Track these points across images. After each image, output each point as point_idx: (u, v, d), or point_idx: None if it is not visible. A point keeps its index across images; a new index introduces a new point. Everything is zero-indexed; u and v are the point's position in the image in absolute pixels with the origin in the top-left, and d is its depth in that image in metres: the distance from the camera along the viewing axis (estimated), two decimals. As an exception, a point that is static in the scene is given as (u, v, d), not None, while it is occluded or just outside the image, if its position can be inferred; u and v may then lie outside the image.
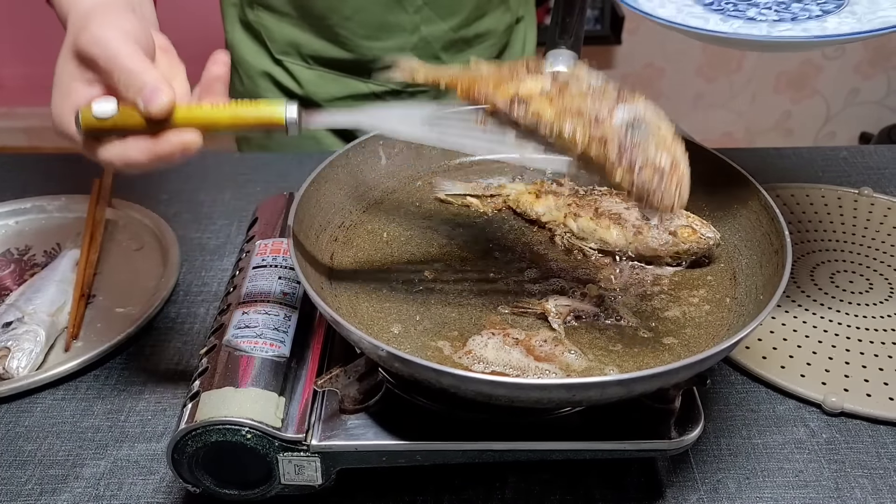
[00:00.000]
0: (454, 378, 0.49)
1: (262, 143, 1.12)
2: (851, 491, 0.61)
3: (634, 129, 0.52)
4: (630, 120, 0.52)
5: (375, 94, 1.04)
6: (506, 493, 0.61)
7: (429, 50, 1.00)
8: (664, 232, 0.66)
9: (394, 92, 1.04)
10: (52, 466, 0.63)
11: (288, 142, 1.07)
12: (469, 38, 1.02)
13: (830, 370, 0.70)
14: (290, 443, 0.55)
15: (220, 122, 0.52)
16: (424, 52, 1.00)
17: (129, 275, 0.82)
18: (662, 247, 0.66)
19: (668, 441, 0.56)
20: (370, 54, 0.99)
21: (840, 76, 2.36)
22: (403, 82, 1.02)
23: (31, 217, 0.90)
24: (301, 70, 1.04)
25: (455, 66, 0.59)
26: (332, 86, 1.04)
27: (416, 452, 0.56)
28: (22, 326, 0.72)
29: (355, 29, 0.97)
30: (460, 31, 1.01)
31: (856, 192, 0.92)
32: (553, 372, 0.56)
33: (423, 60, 1.01)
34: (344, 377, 0.57)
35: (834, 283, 0.80)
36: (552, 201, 0.71)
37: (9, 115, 2.37)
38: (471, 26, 1.01)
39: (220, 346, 0.60)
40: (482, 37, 1.04)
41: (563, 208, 0.70)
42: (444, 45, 1.01)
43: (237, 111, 0.52)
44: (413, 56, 0.97)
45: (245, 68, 1.05)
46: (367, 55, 0.99)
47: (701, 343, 0.59)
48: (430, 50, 1.01)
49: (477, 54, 1.04)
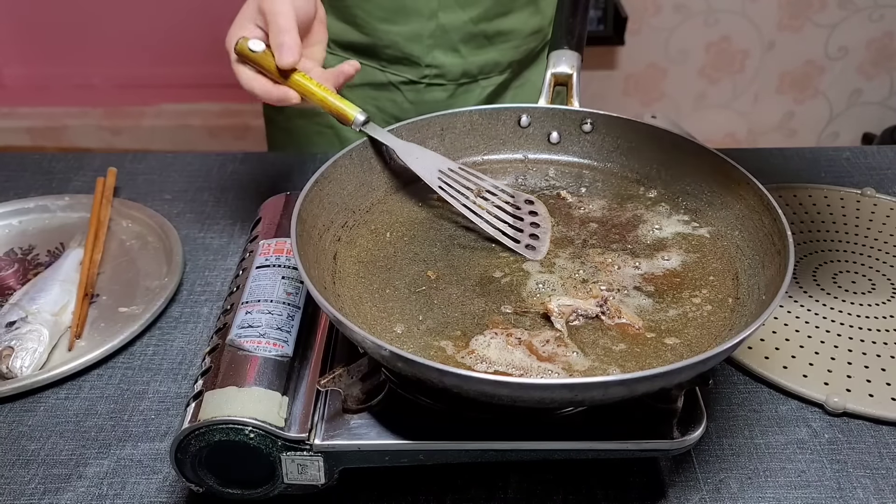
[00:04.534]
0: (457, 378, 0.49)
1: (295, 143, 1.13)
2: (854, 491, 0.61)
3: None
4: None
5: (392, 83, 1.04)
6: (508, 493, 0.61)
7: (447, 40, 1.00)
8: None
9: (410, 82, 1.04)
10: (55, 465, 0.64)
11: (309, 140, 1.09)
12: (490, 34, 1.01)
13: (833, 370, 0.70)
14: (294, 442, 0.55)
15: (313, 96, 0.70)
16: (443, 42, 0.99)
17: (133, 274, 0.82)
18: None
19: (670, 441, 0.56)
20: (386, 38, 0.99)
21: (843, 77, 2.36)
22: (420, 73, 1.02)
23: (35, 217, 0.90)
24: None
25: None
26: None
27: (419, 452, 0.56)
28: (25, 326, 0.72)
29: (372, 10, 0.97)
30: (480, 25, 1.00)
31: (858, 192, 0.92)
32: (556, 372, 0.56)
33: (442, 50, 1.01)
34: (347, 377, 0.57)
35: (836, 283, 0.80)
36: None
37: (11, 115, 2.37)
38: (492, 21, 1.00)
39: (224, 345, 0.60)
40: (505, 35, 1.02)
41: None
42: (464, 37, 1.00)
43: (327, 96, 0.70)
44: (431, 44, 0.98)
45: None
46: (383, 39, 0.99)
47: (703, 343, 0.59)
48: (448, 40, 1.00)
49: (499, 54, 1.03)
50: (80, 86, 2.38)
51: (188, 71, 2.28)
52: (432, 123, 0.76)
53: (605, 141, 0.77)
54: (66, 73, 2.38)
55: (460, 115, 0.77)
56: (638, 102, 2.37)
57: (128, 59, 2.32)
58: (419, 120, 0.75)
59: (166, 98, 2.37)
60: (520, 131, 0.78)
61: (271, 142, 1.15)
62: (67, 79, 2.38)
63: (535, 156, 0.79)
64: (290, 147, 1.11)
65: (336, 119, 0.70)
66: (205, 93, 2.32)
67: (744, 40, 2.27)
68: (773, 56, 2.30)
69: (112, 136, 2.41)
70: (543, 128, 0.78)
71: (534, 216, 0.70)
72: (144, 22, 2.23)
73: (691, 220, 0.71)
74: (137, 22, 2.24)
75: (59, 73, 2.38)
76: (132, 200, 0.91)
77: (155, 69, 2.33)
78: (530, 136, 0.78)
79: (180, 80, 2.34)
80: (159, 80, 2.36)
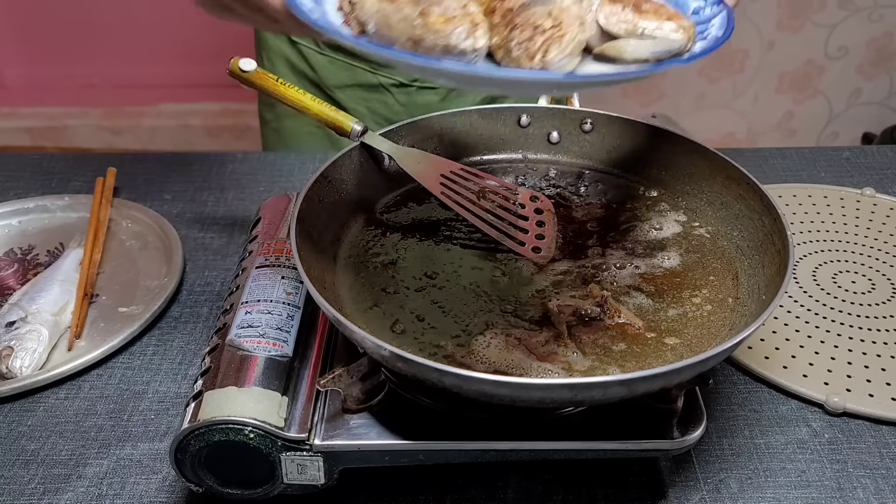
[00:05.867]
0: (457, 378, 0.49)
1: (286, 143, 1.13)
2: (854, 491, 0.61)
3: (536, 3, 0.50)
4: None
5: (383, 85, 1.04)
6: (508, 493, 0.61)
7: None
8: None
9: (401, 85, 1.04)
10: (54, 466, 0.64)
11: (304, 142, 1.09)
12: None
13: (833, 370, 0.70)
14: (293, 442, 0.55)
15: (309, 110, 0.70)
16: None
17: (133, 274, 0.82)
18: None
19: (670, 441, 0.56)
20: None
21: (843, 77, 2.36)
22: (410, 76, 1.02)
23: (35, 217, 0.90)
24: (314, 54, 1.05)
25: None
26: (342, 73, 1.05)
27: (419, 452, 0.56)
28: (25, 326, 0.72)
29: None
30: None
31: (858, 192, 0.92)
32: (555, 372, 0.56)
33: None
34: (347, 377, 0.57)
35: (836, 283, 0.80)
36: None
37: (11, 115, 2.37)
38: None
39: (224, 345, 0.60)
40: None
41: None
42: None
43: (323, 109, 0.70)
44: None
45: (267, 50, 1.08)
46: None
47: (703, 343, 0.59)
48: None
49: None
50: (80, 86, 2.39)
51: (188, 71, 2.28)
52: (432, 124, 0.76)
53: (605, 141, 0.77)
54: (66, 74, 2.38)
55: (460, 116, 0.77)
56: (637, 102, 2.36)
57: (128, 59, 2.32)
58: (418, 120, 0.75)
59: (166, 98, 2.37)
60: (520, 131, 0.78)
61: (265, 142, 1.16)
62: (67, 79, 2.39)
63: (535, 156, 0.79)
64: (280, 147, 1.12)
65: (334, 132, 0.70)
66: (205, 93, 2.32)
67: (743, 40, 2.27)
68: (772, 56, 2.30)
69: (112, 136, 2.41)
70: (543, 127, 0.78)
71: (539, 214, 0.69)
72: (144, 22, 2.23)
73: (691, 220, 0.71)
74: (137, 22, 2.24)
75: (59, 73, 2.38)
76: (132, 200, 0.91)
77: (155, 69, 2.33)
78: (530, 135, 0.78)
79: (180, 80, 2.34)
80: (159, 80, 2.36)
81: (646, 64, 0.53)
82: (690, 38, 0.52)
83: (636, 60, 0.52)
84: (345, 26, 0.53)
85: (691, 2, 0.58)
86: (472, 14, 0.50)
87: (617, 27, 0.52)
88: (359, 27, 0.53)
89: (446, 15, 0.48)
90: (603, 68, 0.53)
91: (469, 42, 0.49)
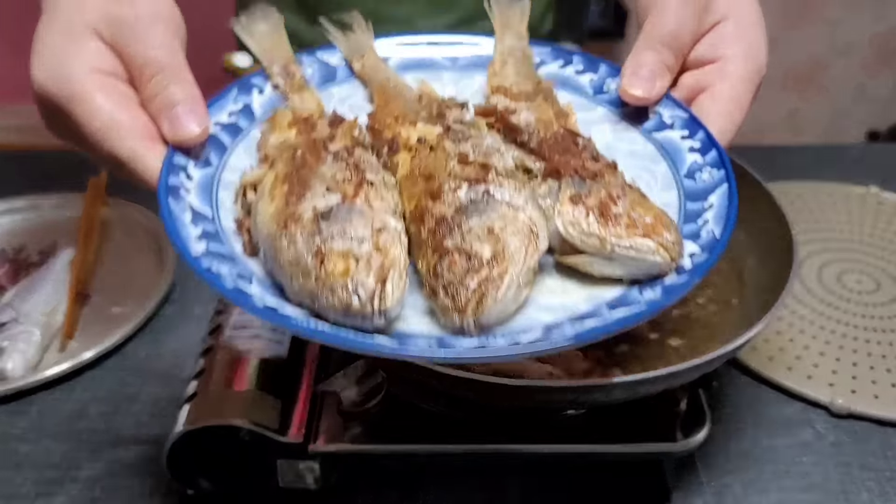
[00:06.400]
0: (456, 380, 0.48)
1: None
2: (859, 494, 0.60)
3: (473, 213, 0.42)
4: (476, 199, 0.42)
5: None
6: (508, 495, 0.60)
7: None
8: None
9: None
10: (47, 469, 0.63)
11: None
12: None
13: (838, 371, 0.69)
14: (289, 446, 0.54)
15: None
16: None
17: (126, 274, 0.81)
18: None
19: (673, 443, 0.55)
20: None
21: (847, 73, 2.35)
22: None
23: (26, 216, 0.89)
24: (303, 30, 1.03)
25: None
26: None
27: (417, 455, 0.56)
28: (17, 326, 0.71)
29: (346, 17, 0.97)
30: (459, 29, 1.00)
31: (863, 190, 0.92)
32: (557, 374, 0.56)
33: None
34: (343, 379, 0.56)
35: (841, 283, 0.79)
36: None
37: (1, 113, 2.37)
38: (474, 24, 1.00)
39: (218, 346, 0.60)
40: None
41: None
42: None
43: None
44: None
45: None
46: None
47: (707, 344, 0.58)
48: None
49: None
50: (73, 83, 2.38)
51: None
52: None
53: (607, 138, 0.76)
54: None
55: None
56: (640, 100, 2.36)
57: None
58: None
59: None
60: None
61: None
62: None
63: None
64: None
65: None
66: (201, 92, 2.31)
67: (746, 37, 2.26)
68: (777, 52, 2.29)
69: (107, 134, 2.40)
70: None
71: None
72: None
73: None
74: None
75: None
76: (124, 199, 0.90)
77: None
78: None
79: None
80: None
81: (620, 287, 0.44)
82: (674, 259, 0.42)
83: (607, 278, 0.44)
84: (237, 235, 0.45)
85: (686, 157, 0.51)
86: (382, 250, 0.39)
87: (580, 242, 0.43)
88: (251, 248, 0.44)
89: (346, 260, 0.39)
90: (545, 318, 0.42)
91: (375, 304, 0.38)
